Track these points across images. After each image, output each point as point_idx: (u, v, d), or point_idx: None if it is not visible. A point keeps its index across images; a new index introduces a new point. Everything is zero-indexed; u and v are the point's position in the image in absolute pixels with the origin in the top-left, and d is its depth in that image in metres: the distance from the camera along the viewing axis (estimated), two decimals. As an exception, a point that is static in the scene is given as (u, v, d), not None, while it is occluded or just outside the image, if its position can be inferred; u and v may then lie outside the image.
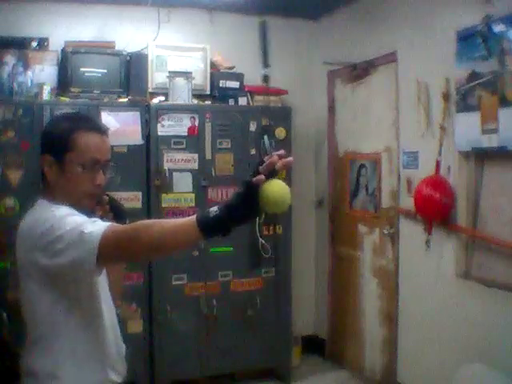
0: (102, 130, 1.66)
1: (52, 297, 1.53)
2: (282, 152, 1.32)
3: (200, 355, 3.84)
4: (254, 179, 1.27)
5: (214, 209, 1.31)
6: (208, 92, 4.13)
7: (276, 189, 1.31)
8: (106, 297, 1.70)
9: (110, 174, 1.69)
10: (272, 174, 1.30)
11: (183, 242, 1.38)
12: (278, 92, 4.27)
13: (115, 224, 1.49)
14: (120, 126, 3.62)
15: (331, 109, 4.56)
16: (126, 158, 3.60)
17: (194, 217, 1.33)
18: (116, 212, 1.75)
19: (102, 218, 1.63)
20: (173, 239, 1.36)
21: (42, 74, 3.68)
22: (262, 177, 1.27)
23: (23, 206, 3.35)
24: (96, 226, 1.42)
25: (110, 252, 1.40)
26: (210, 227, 1.31)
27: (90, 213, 1.60)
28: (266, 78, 3.59)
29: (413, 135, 3.55)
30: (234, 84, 4.14)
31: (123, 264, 1.92)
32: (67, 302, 1.55)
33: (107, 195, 1.72)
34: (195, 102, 3.97)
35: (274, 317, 4.02)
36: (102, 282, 1.67)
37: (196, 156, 3.80)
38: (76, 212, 1.54)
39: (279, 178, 1.33)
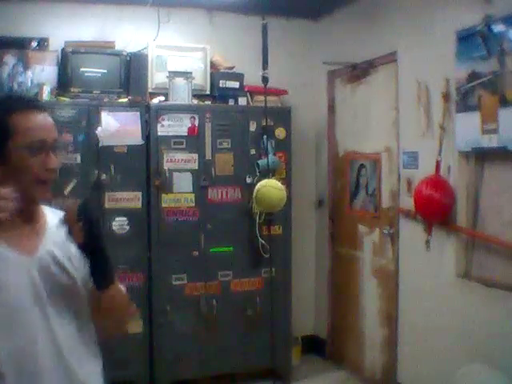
0: (40, 108, 1.50)
1: None
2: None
3: (200, 355, 3.84)
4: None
5: None
6: (208, 92, 4.13)
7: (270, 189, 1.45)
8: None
9: (61, 155, 1.53)
10: None
11: None
12: (278, 92, 4.27)
13: None
14: (120, 125, 3.62)
15: (331, 109, 4.56)
16: (125, 157, 3.61)
17: None
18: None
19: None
20: None
21: (42, 74, 3.67)
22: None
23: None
24: None
25: None
26: None
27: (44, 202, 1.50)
28: (264, 79, 3.59)
29: (413, 135, 3.55)
30: (234, 84, 4.14)
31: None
32: None
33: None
34: (195, 102, 3.97)
35: (273, 317, 4.01)
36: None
37: (196, 156, 3.80)
38: None
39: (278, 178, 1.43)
